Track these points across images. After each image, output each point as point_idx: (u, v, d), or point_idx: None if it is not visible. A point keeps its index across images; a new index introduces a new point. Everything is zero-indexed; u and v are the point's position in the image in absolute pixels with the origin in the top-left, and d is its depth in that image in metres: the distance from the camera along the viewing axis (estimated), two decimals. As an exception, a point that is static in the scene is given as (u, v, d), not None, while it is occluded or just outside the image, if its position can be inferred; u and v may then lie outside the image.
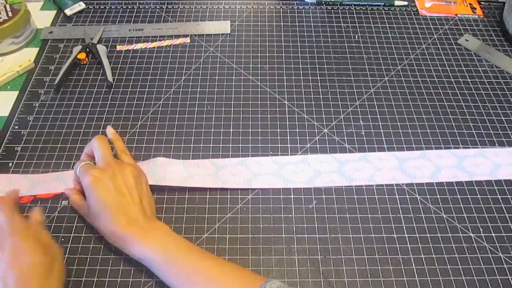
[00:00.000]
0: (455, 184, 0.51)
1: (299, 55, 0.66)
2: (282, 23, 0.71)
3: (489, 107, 0.59)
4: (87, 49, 0.64)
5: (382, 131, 0.56)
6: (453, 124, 0.57)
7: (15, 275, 0.37)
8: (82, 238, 0.47)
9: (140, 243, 0.42)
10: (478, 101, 0.60)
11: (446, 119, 0.58)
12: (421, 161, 0.53)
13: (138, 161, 0.52)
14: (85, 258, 0.45)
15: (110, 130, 0.52)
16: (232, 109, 0.59)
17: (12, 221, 0.42)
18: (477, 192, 0.51)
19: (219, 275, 0.40)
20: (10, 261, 0.38)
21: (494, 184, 0.52)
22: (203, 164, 0.52)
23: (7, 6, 0.64)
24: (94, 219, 0.44)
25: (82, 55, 0.63)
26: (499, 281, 0.44)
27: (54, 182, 0.51)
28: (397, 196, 0.50)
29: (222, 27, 0.69)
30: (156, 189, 0.50)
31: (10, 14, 0.63)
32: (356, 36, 0.69)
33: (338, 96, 0.60)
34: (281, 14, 0.72)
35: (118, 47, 0.66)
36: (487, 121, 0.58)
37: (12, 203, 0.46)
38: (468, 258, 0.46)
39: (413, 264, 0.45)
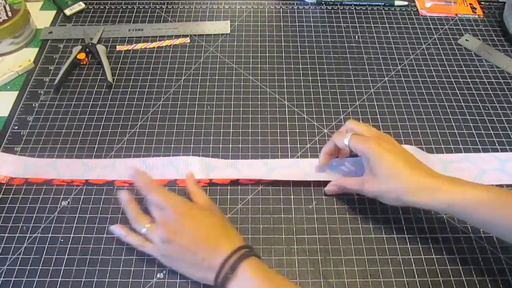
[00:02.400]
0: (455, 185, 0.51)
1: (299, 55, 0.66)
2: (282, 23, 0.71)
3: (489, 107, 0.59)
4: (87, 49, 0.64)
5: (382, 131, 0.56)
6: (453, 124, 0.57)
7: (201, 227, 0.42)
8: (82, 239, 0.47)
9: (451, 187, 0.41)
10: (478, 101, 0.60)
11: (446, 119, 0.58)
12: None
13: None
14: (85, 259, 0.45)
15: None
16: (232, 109, 0.59)
17: (165, 196, 0.44)
18: (477, 193, 0.51)
19: None
20: (188, 223, 0.42)
21: (495, 185, 0.51)
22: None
23: (7, 6, 0.63)
24: (386, 182, 0.44)
25: (82, 55, 0.63)
26: (499, 281, 0.44)
27: (47, 168, 0.52)
28: (397, 197, 0.50)
29: (222, 27, 0.69)
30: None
31: (9, 14, 0.63)
32: (356, 36, 0.69)
33: (338, 96, 0.60)
34: (281, 14, 0.72)
35: (118, 47, 0.66)
36: (487, 121, 0.58)
37: (154, 184, 0.46)
38: (469, 259, 0.46)
39: (413, 265, 0.45)
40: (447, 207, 0.41)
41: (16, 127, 0.56)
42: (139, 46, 0.66)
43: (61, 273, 0.44)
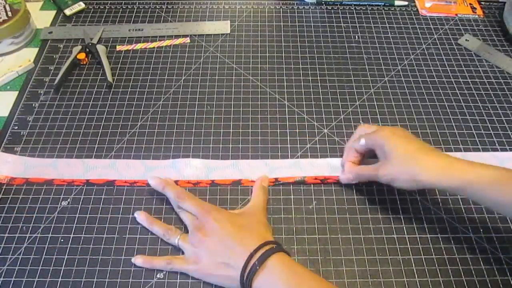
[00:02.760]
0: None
1: (299, 55, 0.66)
2: (282, 23, 0.71)
3: (489, 107, 0.59)
4: (87, 49, 0.64)
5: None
6: (453, 124, 0.57)
7: (239, 230, 0.43)
8: (82, 239, 0.47)
9: (465, 166, 0.42)
10: (478, 101, 0.60)
11: (446, 119, 0.58)
12: None
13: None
14: (85, 259, 0.45)
15: None
16: (232, 109, 0.59)
17: (199, 204, 0.46)
18: (477, 193, 0.51)
19: None
20: (224, 230, 0.43)
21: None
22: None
23: (7, 6, 0.63)
24: (400, 164, 0.45)
25: (82, 55, 0.63)
26: (499, 281, 0.44)
27: (47, 168, 0.52)
28: (397, 197, 0.50)
29: (222, 27, 0.69)
30: (155, 193, 0.50)
31: (9, 14, 0.63)
32: (356, 36, 0.69)
33: (338, 96, 0.60)
34: (281, 14, 0.72)
35: (118, 47, 0.66)
36: (487, 121, 0.58)
37: (186, 192, 0.49)
38: (469, 259, 0.46)
39: (413, 265, 0.45)
40: (460, 184, 0.42)
41: (16, 127, 0.56)
42: (139, 46, 0.66)
43: (61, 273, 0.44)
